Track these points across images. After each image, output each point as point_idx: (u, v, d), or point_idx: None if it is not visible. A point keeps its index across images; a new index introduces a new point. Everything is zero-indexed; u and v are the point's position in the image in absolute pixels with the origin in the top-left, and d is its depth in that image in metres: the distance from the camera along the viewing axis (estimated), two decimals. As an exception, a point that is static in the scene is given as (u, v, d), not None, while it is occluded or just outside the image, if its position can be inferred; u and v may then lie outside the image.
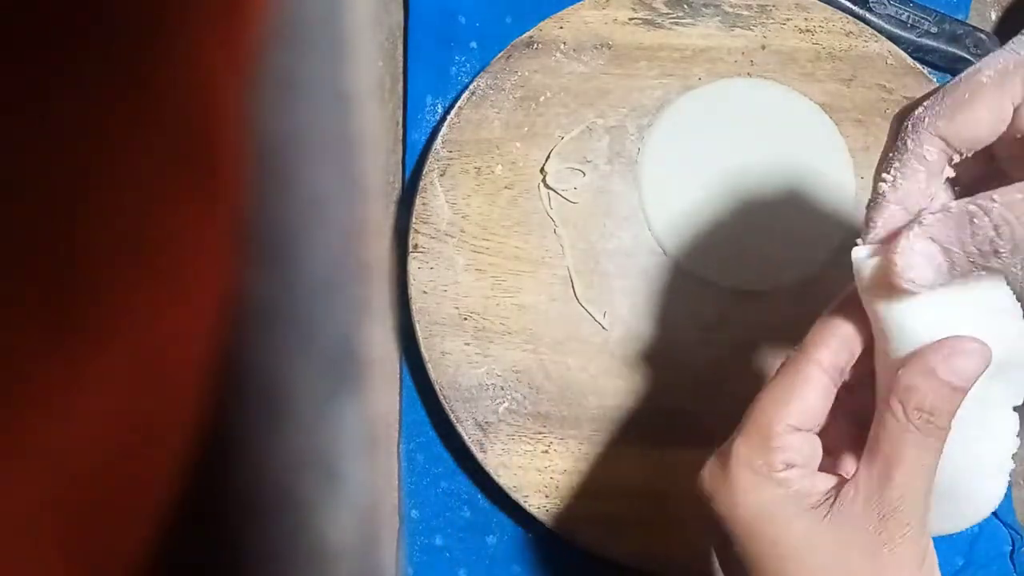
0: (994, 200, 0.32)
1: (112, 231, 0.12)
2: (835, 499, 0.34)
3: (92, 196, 0.12)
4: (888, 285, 0.33)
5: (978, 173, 0.36)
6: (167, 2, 0.12)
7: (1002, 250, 0.32)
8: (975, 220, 0.32)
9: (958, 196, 0.35)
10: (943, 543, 0.53)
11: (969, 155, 0.34)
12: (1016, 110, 0.33)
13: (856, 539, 0.33)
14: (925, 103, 0.35)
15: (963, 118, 0.34)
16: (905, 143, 0.35)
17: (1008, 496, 0.54)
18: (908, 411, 0.33)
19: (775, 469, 0.35)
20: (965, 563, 0.53)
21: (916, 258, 0.32)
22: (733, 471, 0.35)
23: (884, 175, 0.35)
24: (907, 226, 0.33)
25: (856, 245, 0.35)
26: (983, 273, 0.33)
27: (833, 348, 0.36)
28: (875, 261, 0.34)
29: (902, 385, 0.34)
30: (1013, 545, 0.53)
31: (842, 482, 0.35)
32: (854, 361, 0.36)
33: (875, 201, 0.35)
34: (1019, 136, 0.33)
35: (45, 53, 0.11)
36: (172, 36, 0.12)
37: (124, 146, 0.12)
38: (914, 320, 0.34)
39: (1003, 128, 0.33)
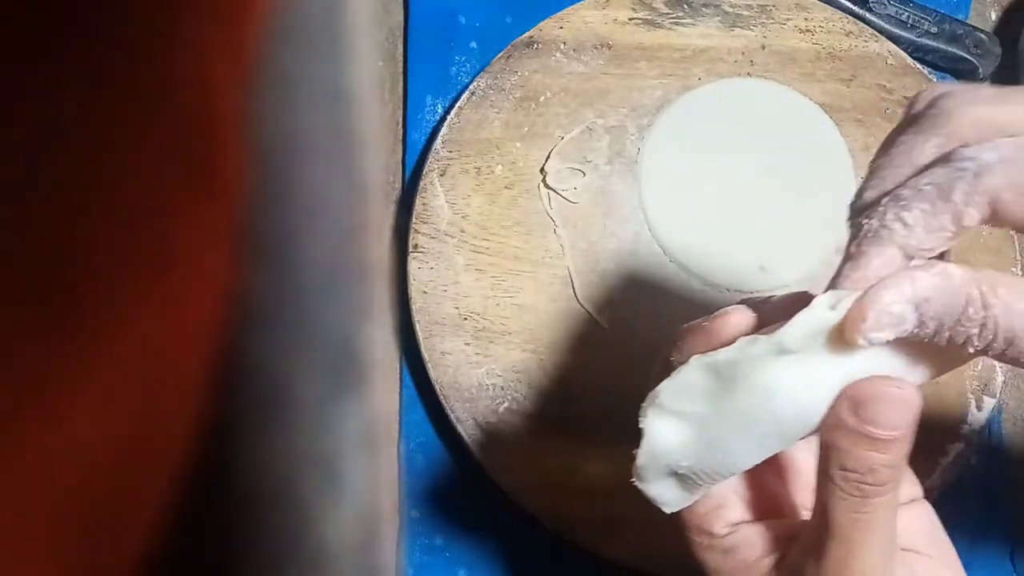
0: (997, 296, 0.27)
1: (112, 230, 0.12)
2: (782, 560, 0.31)
3: (92, 195, 0.12)
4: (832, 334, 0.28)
5: None
6: (168, 2, 0.12)
7: (970, 349, 0.28)
8: (969, 309, 0.27)
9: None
10: (943, 543, 0.53)
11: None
12: None
13: None
14: (997, 133, 0.28)
15: None
16: (952, 188, 0.28)
17: (1008, 496, 0.54)
18: (833, 475, 0.29)
19: (717, 536, 0.32)
20: (965, 564, 0.53)
21: (886, 319, 0.27)
22: (688, 538, 0.33)
23: (904, 212, 0.28)
24: (889, 278, 0.28)
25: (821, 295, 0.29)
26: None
27: None
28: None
29: (822, 443, 0.29)
30: (1013, 545, 0.53)
31: (788, 531, 0.32)
32: None
33: (875, 234, 0.29)
34: None
35: (46, 53, 0.11)
36: (173, 36, 0.12)
37: (125, 145, 0.12)
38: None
39: None
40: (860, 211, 0.30)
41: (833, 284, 0.30)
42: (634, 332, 0.52)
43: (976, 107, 0.29)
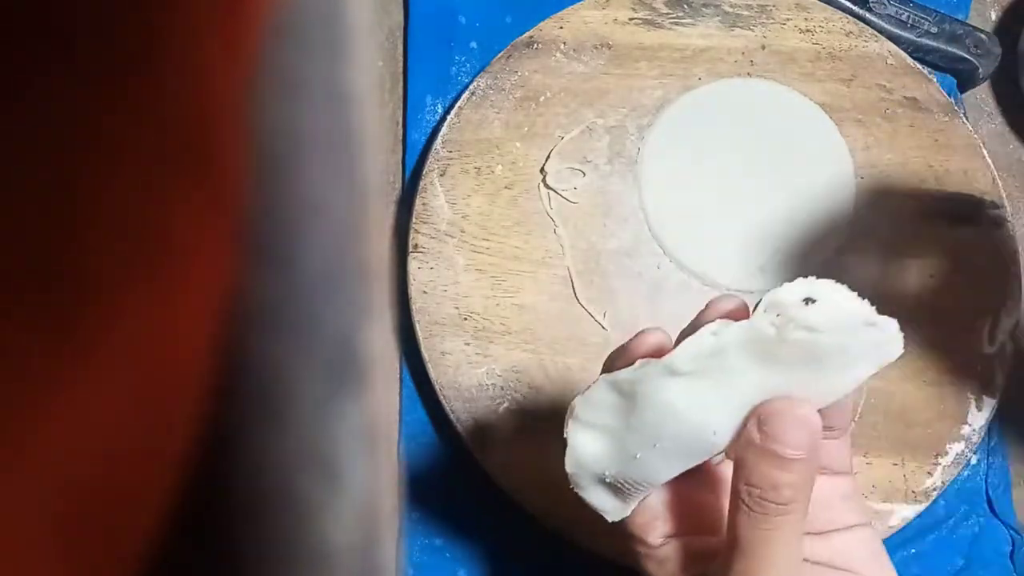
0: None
1: (110, 231, 0.12)
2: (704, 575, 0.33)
3: (90, 195, 0.12)
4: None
5: None
6: (167, 1, 0.12)
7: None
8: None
9: None
10: (942, 544, 0.53)
11: None
12: None
13: None
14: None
15: None
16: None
17: (1008, 496, 0.54)
18: (740, 490, 0.30)
19: (652, 546, 0.34)
20: (965, 564, 0.53)
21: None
22: (630, 546, 0.35)
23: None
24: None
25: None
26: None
27: None
28: None
29: (735, 459, 0.31)
30: (1013, 545, 0.53)
31: (713, 548, 0.33)
32: None
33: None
34: None
35: (44, 52, 0.11)
36: (172, 35, 0.12)
37: (123, 145, 0.12)
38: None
39: None
40: None
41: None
42: (634, 332, 0.52)
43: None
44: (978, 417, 0.52)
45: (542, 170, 0.54)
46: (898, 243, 0.55)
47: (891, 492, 0.51)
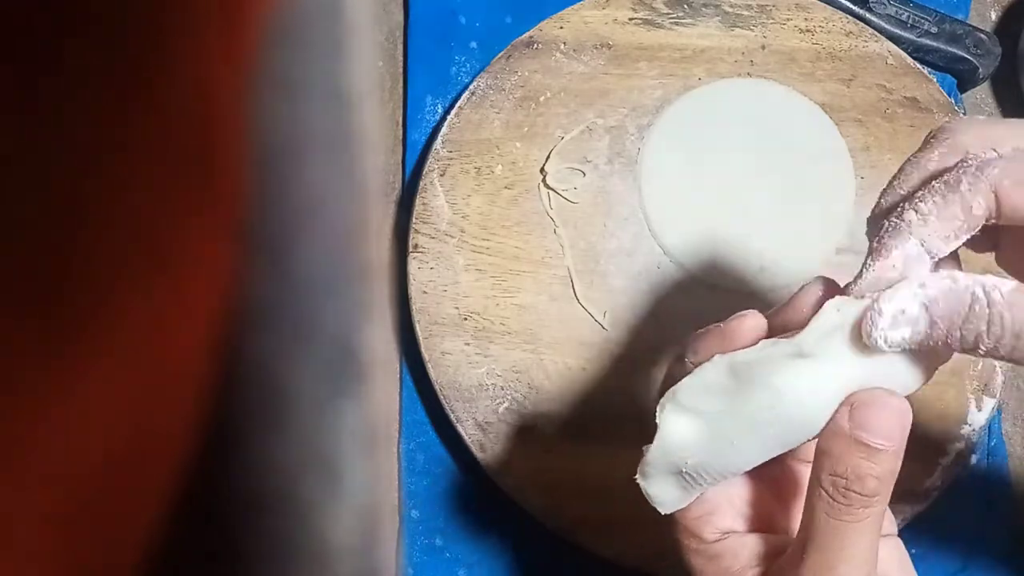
0: (1000, 294, 0.28)
1: (111, 232, 0.12)
2: (764, 574, 0.32)
3: (91, 196, 0.12)
4: (849, 333, 0.30)
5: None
6: (167, 2, 0.12)
7: (982, 348, 0.29)
8: (975, 307, 0.28)
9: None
10: (942, 544, 0.53)
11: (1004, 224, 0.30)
12: None
13: None
14: (994, 146, 0.30)
15: None
16: (959, 180, 0.29)
17: (1008, 497, 0.54)
18: (823, 480, 0.30)
19: (705, 541, 0.33)
20: (964, 564, 0.53)
21: (902, 319, 0.28)
22: (678, 540, 0.34)
23: (919, 203, 0.30)
24: (901, 282, 0.29)
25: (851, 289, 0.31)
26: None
27: None
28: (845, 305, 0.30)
29: (818, 449, 0.30)
30: (1013, 545, 0.53)
31: (776, 547, 0.33)
32: None
33: (895, 227, 0.30)
34: None
35: (44, 54, 0.11)
36: (172, 36, 0.12)
37: (124, 146, 0.12)
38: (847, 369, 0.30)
39: None
40: (878, 217, 0.32)
41: (858, 277, 0.31)
42: (634, 332, 0.52)
43: (973, 124, 0.31)
44: (978, 417, 0.52)
45: (542, 170, 0.54)
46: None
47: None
